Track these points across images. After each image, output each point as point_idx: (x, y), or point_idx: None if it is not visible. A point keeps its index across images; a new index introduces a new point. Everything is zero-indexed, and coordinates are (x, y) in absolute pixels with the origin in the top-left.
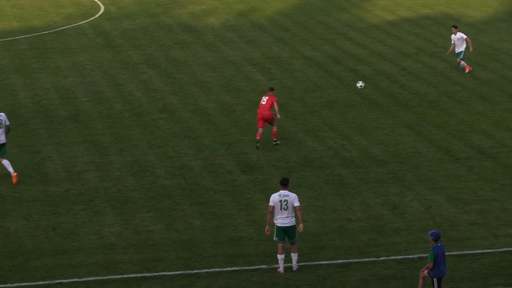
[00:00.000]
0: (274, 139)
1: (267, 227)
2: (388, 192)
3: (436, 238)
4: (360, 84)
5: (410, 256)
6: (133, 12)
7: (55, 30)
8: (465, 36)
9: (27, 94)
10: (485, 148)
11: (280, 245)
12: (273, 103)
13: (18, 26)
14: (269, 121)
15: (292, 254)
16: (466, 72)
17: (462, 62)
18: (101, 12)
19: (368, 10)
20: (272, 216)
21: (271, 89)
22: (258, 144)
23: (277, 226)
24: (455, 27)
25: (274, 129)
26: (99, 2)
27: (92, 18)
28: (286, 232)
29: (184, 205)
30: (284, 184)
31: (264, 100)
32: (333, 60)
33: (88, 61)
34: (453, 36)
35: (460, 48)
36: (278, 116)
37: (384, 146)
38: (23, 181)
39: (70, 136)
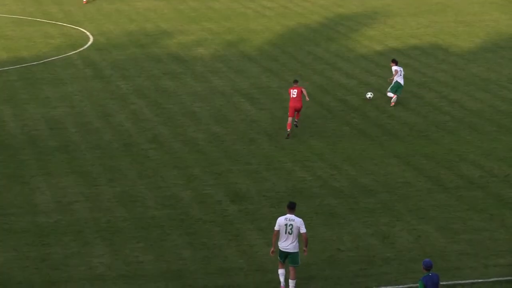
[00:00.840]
0: (296, 120)
1: (272, 248)
2: (377, 222)
3: (427, 267)
4: (369, 95)
5: (401, 286)
6: (122, 43)
7: (44, 61)
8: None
9: (17, 125)
10: (475, 178)
11: (280, 262)
12: (302, 92)
13: (7, 57)
14: (299, 110)
15: (290, 280)
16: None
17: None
18: (90, 42)
19: (356, 40)
20: (277, 239)
21: (296, 81)
22: (288, 135)
23: (280, 249)
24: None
25: (298, 115)
26: (88, 33)
27: (81, 49)
28: (288, 257)
29: (173, 236)
30: (291, 208)
31: (294, 93)
32: (322, 90)
33: (77, 91)
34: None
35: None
36: (307, 98)
37: (374, 176)
38: (12, 212)
39: (60, 167)
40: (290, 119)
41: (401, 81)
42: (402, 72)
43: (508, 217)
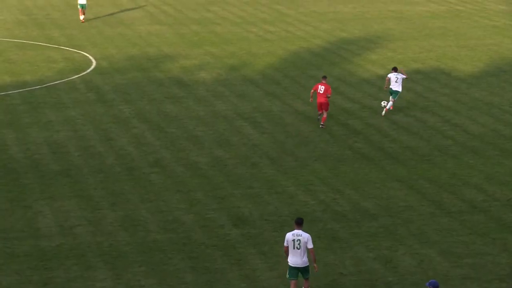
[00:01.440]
0: (322, 124)
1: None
2: (380, 246)
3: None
4: (384, 103)
5: None
6: (124, 67)
7: (47, 84)
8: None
9: (19, 148)
10: (477, 202)
11: (292, 282)
12: (328, 90)
13: (10, 81)
14: (324, 107)
15: None
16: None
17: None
18: (92, 67)
19: (359, 64)
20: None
21: (325, 77)
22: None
23: (290, 265)
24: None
25: (325, 115)
26: (90, 57)
27: (83, 73)
28: (300, 271)
29: (176, 260)
30: (299, 223)
31: (321, 89)
32: None
33: (80, 115)
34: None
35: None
36: (329, 96)
37: (376, 200)
38: (15, 236)
39: (62, 190)
40: (319, 113)
41: (397, 88)
42: (399, 80)
43: (510, 241)
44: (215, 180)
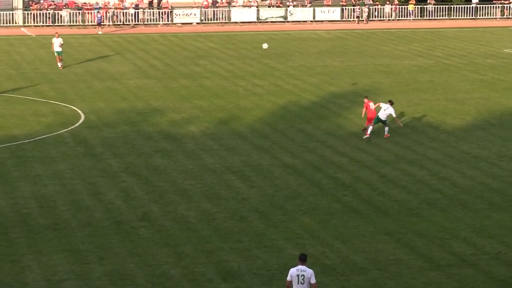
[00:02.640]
0: (368, 135)
1: None
2: None
3: None
4: (265, 45)
5: None
6: (113, 121)
7: (36, 138)
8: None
9: (7, 203)
10: (466, 255)
11: None
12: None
13: None
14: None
15: None
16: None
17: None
18: (81, 120)
19: (347, 118)
20: None
21: (366, 97)
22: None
23: None
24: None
25: (370, 128)
26: (79, 111)
27: (72, 127)
28: None
29: None
30: (303, 259)
31: (372, 106)
32: (313, 168)
33: (68, 169)
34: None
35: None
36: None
37: (365, 254)
38: None
39: (50, 244)
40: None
41: (382, 117)
42: (388, 111)
43: None
44: (203, 234)
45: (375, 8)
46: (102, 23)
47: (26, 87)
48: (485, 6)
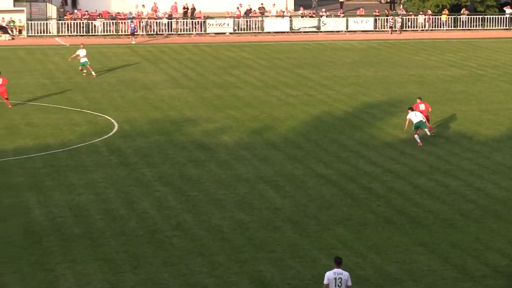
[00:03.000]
0: (431, 132)
1: None
2: None
3: None
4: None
5: None
6: (146, 130)
7: (70, 148)
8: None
9: (41, 211)
10: (501, 266)
11: None
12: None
13: (33, 144)
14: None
15: None
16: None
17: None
18: (115, 130)
19: (381, 128)
20: None
21: (420, 98)
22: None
23: None
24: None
25: (429, 124)
26: (113, 121)
27: (106, 136)
28: None
29: None
30: (338, 262)
31: (422, 106)
32: (347, 178)
33: (102, 178)
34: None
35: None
36: (430, 109)
37: (399, 264)
38: None
39: (84, 253)
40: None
41: (421, 119)
42: (418, 114)
43: None
44: (237, 244)
45: (409, 18)
46: (135, 33)
47: (60, 96)
48: None
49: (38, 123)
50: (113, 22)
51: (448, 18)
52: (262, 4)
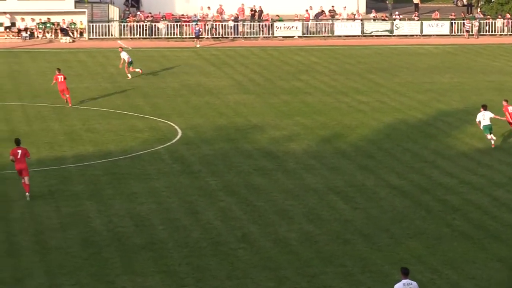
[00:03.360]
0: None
1: None
2: None
3: None
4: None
5: None
6: (211, 137)
7: (131, 155)
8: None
9: (101, 221)
10: None
11: None
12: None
13: (93, 151)
14: None
15: None
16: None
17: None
18: (178, 137)
19: (457, 137)
20: None
21: (507, 100)
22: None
23: None
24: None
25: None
26: (176, 127)
27: (169, 143)
28: None
29: None
30: (406, 273)
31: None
32: (421, 189)
33: (165, 187)
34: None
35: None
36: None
37: (476, 281)
38: None
39: (145, 265)
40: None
41: (488, 122)
42: (486, 116)
43: None
44: (305, 257)
45: (486, 22)
46: (200, 36)
47: (121, 101)
48: None
49: (99, 129)
50: (177, 25)
51: None
52: (333, 6)
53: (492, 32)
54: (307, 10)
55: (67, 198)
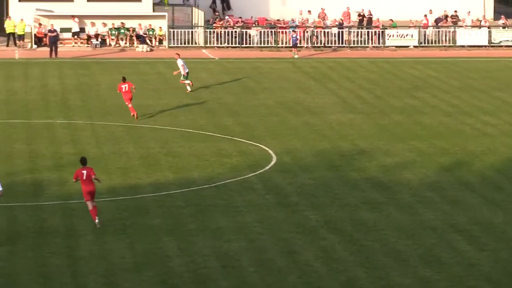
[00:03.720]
0: None
1: None
2: None
3: None
4: None
5: None
6: (311, 164)
7: (217, 183)
8: None
9: (182, 260)
10: None
11: None
12: None
13: (174, 178)
14: None
15: None
16: None
17: None
18: (272, 163)
19: None
20: None
21: None
22: None
23: None
24: None
25: None
26: (270, 152)
27: (261, 170)
28: None
29: None
30: None
31: None
32: None
33: (256, 222)
34: None
35: None
36: None
37: None
38: None
39: None
40: None
41: None
42: None
43: None
44: None
45: None
46: (298, 45)
47: (206, 120)
48: None
49: (181, 153)
50: (271, 32)
51: None
52: (456, 11)
53: None
54: (425, 15)
55: (143, 233)
